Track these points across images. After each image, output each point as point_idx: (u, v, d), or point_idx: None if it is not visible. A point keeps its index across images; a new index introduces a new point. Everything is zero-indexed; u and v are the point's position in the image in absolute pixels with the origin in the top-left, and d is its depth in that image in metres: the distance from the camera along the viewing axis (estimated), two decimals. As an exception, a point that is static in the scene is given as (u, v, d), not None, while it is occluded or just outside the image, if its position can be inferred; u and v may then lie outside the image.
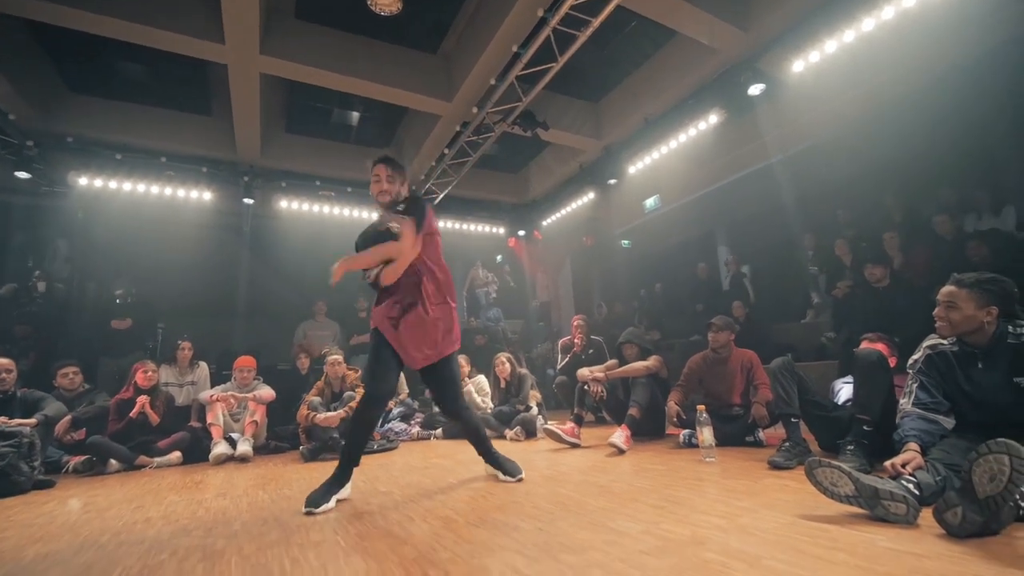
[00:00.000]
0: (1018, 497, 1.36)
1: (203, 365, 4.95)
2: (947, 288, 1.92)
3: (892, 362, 2.87)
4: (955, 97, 5.02)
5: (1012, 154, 5.13)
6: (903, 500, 1.47)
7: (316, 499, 2.07)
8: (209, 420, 4.14)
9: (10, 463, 3.04)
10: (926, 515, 1.44)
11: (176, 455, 3.96)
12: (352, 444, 2.25)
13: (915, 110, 5.29)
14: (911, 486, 1.58)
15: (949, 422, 1.95)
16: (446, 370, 2.38)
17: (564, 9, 3.79)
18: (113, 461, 3.73)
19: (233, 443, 4.06)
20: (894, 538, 1.34)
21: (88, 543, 1.83)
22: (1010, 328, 1.83)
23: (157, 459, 3.87)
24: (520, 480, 2.44)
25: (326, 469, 3.19)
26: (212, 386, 4.67)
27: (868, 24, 3.88)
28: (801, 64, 4.33)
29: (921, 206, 5.57)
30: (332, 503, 2.10)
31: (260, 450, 4.28)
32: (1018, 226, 4.66)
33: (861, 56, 4.20)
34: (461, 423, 2.54)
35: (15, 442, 3.14)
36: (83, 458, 3.74)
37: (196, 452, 4.06)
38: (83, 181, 5.78)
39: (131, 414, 3.93)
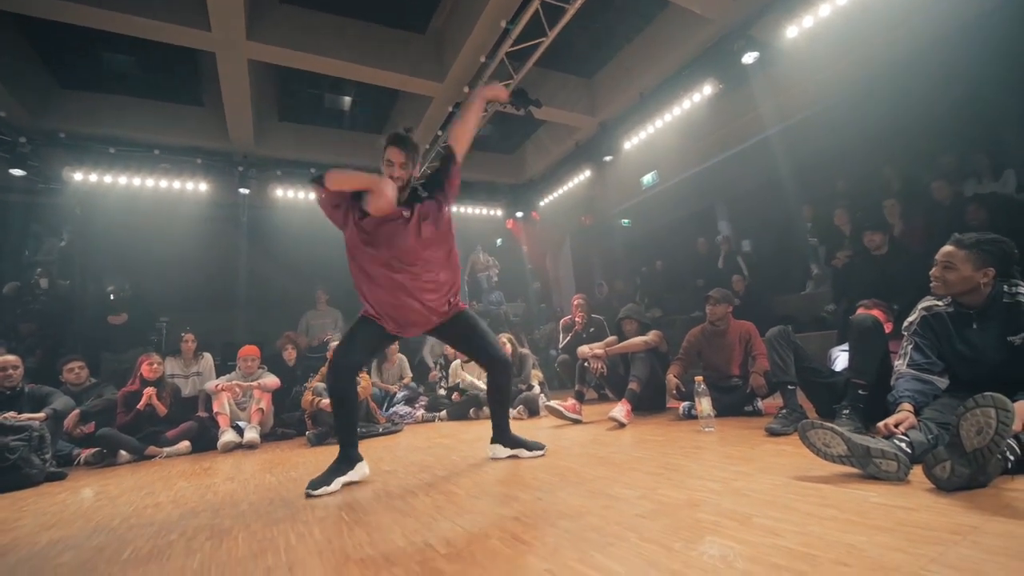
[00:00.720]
0: (1005, 450, 1.38)
1: (207, 356, 5.00)
2: (946, 248, 1.90)
3: (888, 327, 2.89)
4: (954, 59, 4.93)
5: (1013, 117, 5.05)
6: (894, 457, 1.49)
7: (317, 482, 2.07)
8: (216, 409, 4.19)
9: (21, 456, 3.10)
10: (918, 473, 1.46)
11: (185, 444, 4.03)
12: (338, 423, 2.23)
13: (912, 74, 5.20)
14: (903, 444, 1.60)
15: (943, 382, 1.96)
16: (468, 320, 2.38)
17: (552, -19, 3.72)
18: (123, 452, 3.80)
19: (240, 431, 4.13)
20: (884, 494, 1.36)
21: (100, 528, 1.88)
22: (1005, 288, 1.83)
23: (167, 449, 3.95)
24: (540, 453, 2.42)
25: (332, 452, 3.25)
26: (217, 376, 4.73)
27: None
28: (795, 29, 4.25)
29: (920, 172, 5.51)
30: (335, 486, 2.08)
31: (267, 437, 4.35)
32: (1018, 188, 4.63)
33: (856, 18, 4.12)
34: (496, 378, 2.44)
35: (25, 436, 3.19)
36: (94, 450, 3.82)
37: (204, 441, 4.13)
38: (78, 176, 5.77)
39: (138, 406, 3.99)
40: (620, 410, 3.23)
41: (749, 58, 4.64)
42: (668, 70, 5.37)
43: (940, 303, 1.99)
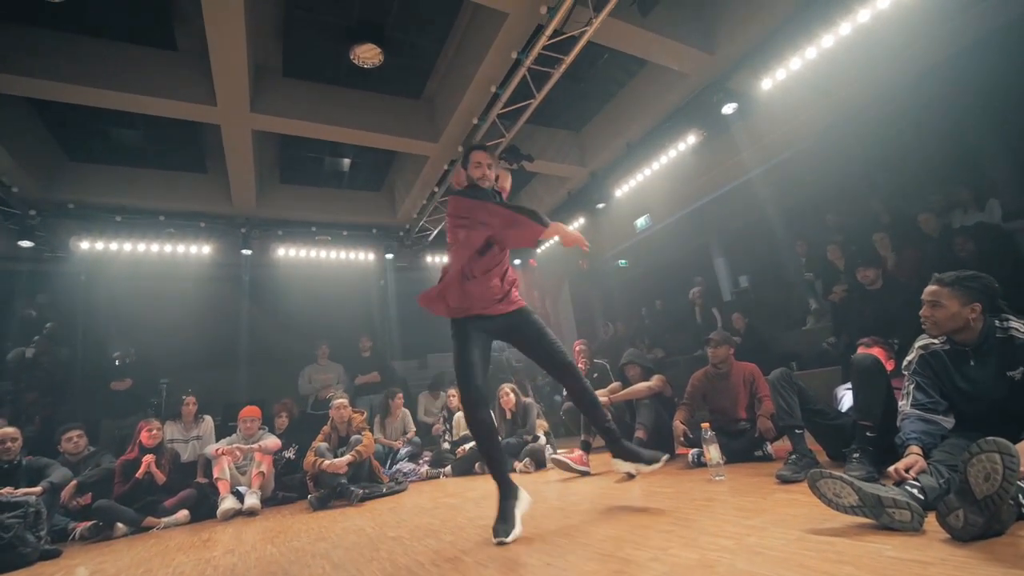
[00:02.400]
0: (1019, 495, 1.36)
1: (208, 419, 4.94)
2: (930, 287, 1.95)
3: (889, 366, 2.89)
4: (929, 98, 5.17)
5: (992, 149, 5.24)
6: (907, 507, 1.47)
7: (502, 530, 1.97)
8: (215, 475, 4.10)
9: (16, 535, 3.01)
10: (932, 520, 1.44)
11: (183, 514, 3.92)
12: (490, 458, 2.17)
13: (887, 114, 5.44)
14: (915, 491, 1.58)
15: (948, 421, 1.95)
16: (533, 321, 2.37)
17: (537, 50, 3.96)
18: (120, 524, 3.68)
19: (241, 497, 4.02)
20: (900, 546, 1.34)
21: (97, 613, 1.82)
22: (997, 323, 1.85)
23: (164, 519, 3.83)
24: (659, 464, 2.37)
25: (335, 517, 3.18)
26: (217, 439, 4.65)
27: (828, 40, 4.04)
28: (769, 82, 4.49)
29: (908, 206, 5.65)
30: (519, 525, 2.01)
31: (268, 501, 4.23)
32: (1004, 218, 4.73)
33: (825, 69, 4.36)
34: (570, 386, 2.41)
35: (21, 512, 3.12)
36: (89, 524, 3.70)
37: (204, 508, 4.02)
38: (84, 245, 5.90)
39: (137, 475, 3.90)
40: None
41: (728, 108, 4.87)
42: (652, 121, 5.62)
43: (936, 341, 2.00)
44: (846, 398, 2.96)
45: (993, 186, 4.99)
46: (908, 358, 2.10)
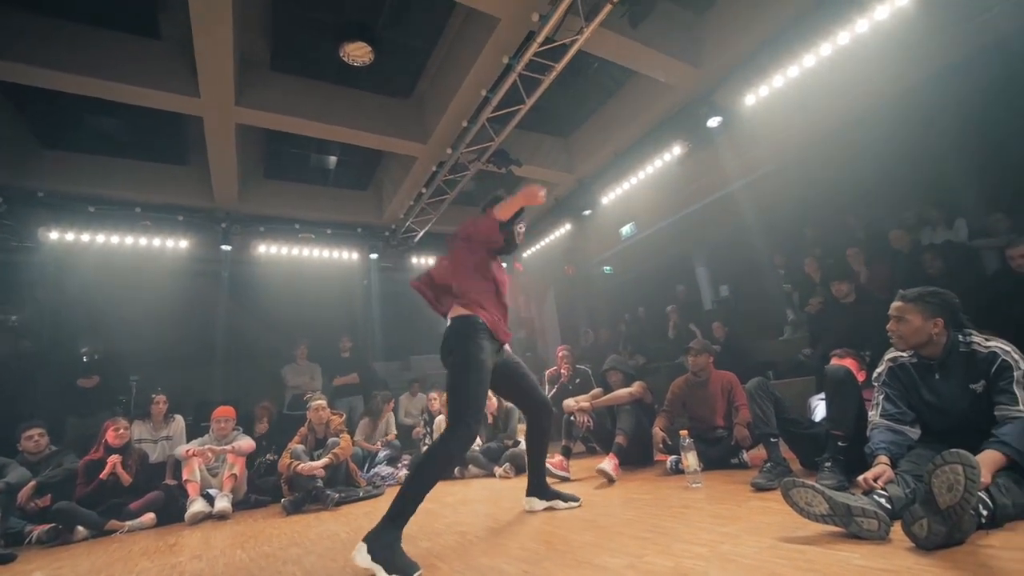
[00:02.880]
0: (979, 506, 1.41)
1: (179, 419, 4.81)
2: (895, 303, 2.03)
3: (861, 377, 2.95)
4: (899, 121, 5.35)
5: (961, 171, 5.45)
6: (874, 516, 1.51)
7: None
8: (185, 476, 3.98)
9: (-31, 537, 2.88)
10: (899, 529, 1.47)
11: (149, 517, 3.79)
12: (423, 485, 1.95)
13: (863, 134, 5.62)
14: (883, 500, 1.62)
15: (915, 432, 2.01)
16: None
17: (527, 56, 3.98)
18: (80, 528, 3.53)
19: (211, 499, 3.92)
20: (867, 555, 1.37)
21: (54, 618, 1.75)
22: (960, 338, 1.93)
23: (129, 523, 3.69)
24: (575, 504, 2.50)
25: (309, 522, 3.12)
26: (188, 440, 4.52)
27: (809, 60, 4.16)
28: (753, 98, 4.60)
29: (881, 222, 5.83)
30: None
31: (240, 505, 4.12)
32: (970, 236, 4.91)
33: (806, 88, 4.48)
34: (540, 423, 2.55)
35: (-25, 513, 2.98)
36: (48, 527, 3.53)
37: (172, 512, 3.89)
38: (54, 236, 5.70)
39: (101, 475, 3.76)
40: (608, 463, 3.21)
41: (713, 122, 4.98)
42: (639, 131, 5.69)
43: (904, 355, 2.07)
44: (820, 408, 3.03)
45: (960, 206, 5.18)
46: (878, 370, 2.17)
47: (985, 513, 1.42)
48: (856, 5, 3.78)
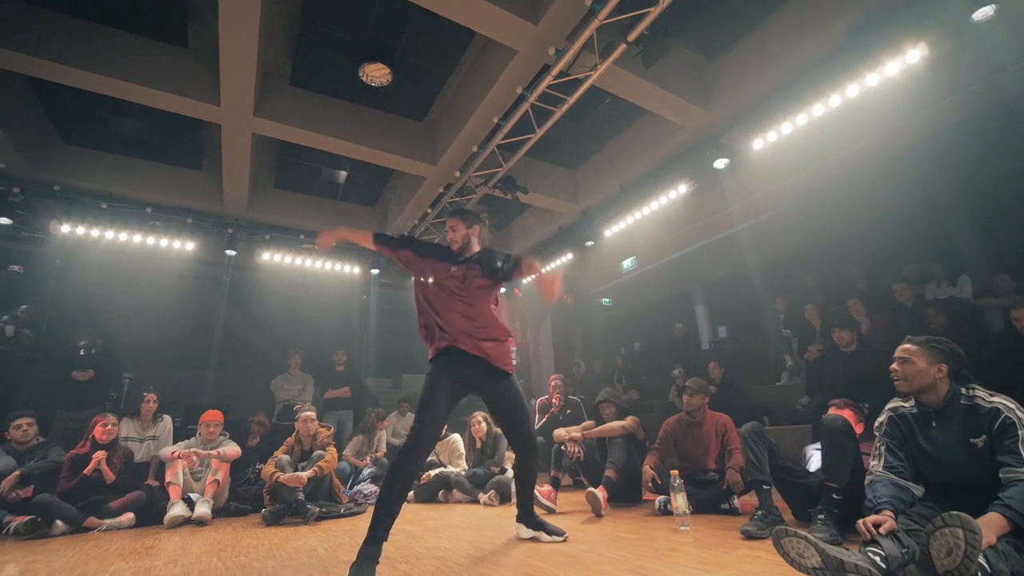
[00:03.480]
0: (977, 572, 1.38)
1: (167, 419, 4.76)
2: (901, 346, 2.04)
3: (859, 429, 2.93)
4: (906, 175, 5.43)
5: (965, 228, 5.50)
6: (868, 573, 1.47)
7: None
8: (168, 479, 3.92)
9: (-57, 526, 2.83)
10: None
11: (128, 517, 3.72)
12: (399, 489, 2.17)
13: (869, 185, 5.69)
14: (877, 559, 1.58)
15: (919, 490, 1.97)
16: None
17: (541, 88, 4.10)
18: (59, 523, 3.47)
19: (192, 504, 3.84)
20: (855, 613, 1.33)
21: (19, 618, 1.70)
22: (963, 391, 1.92)
23: (107, 521, 3.62)
24: (560, 538, 2.48)
25: (288, 535, 3.06)
26: (175, 441, 4.47)
27: (818, 110, 4.25)
28: (761, 142, 4.68)
29: (883, 274, 5.85)
30: None
31: (220, 512, 4.04)
32: (974, 294, 4.92)
33: (814, 136, 4.57)
34: (523, 459, 2.58)
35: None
36: (26, 519, 3.47)
37: (151, 513, 3.82)
38: (64, 229, 5.76)
39: (85, 471, 3.71)
40: (600, 492, 3.17)
41: (720, 163, 5.06)
42: (646, 167, 5.79)
43: (905, 404, 2.06)
44: (815, 457, 2.99)
45: (964, 263, 5.21)
46: (879, 420, 2.15)
47: (979, 576, 1.38)
48: (867, 60, 3.88)
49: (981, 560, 1.40)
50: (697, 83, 4.86)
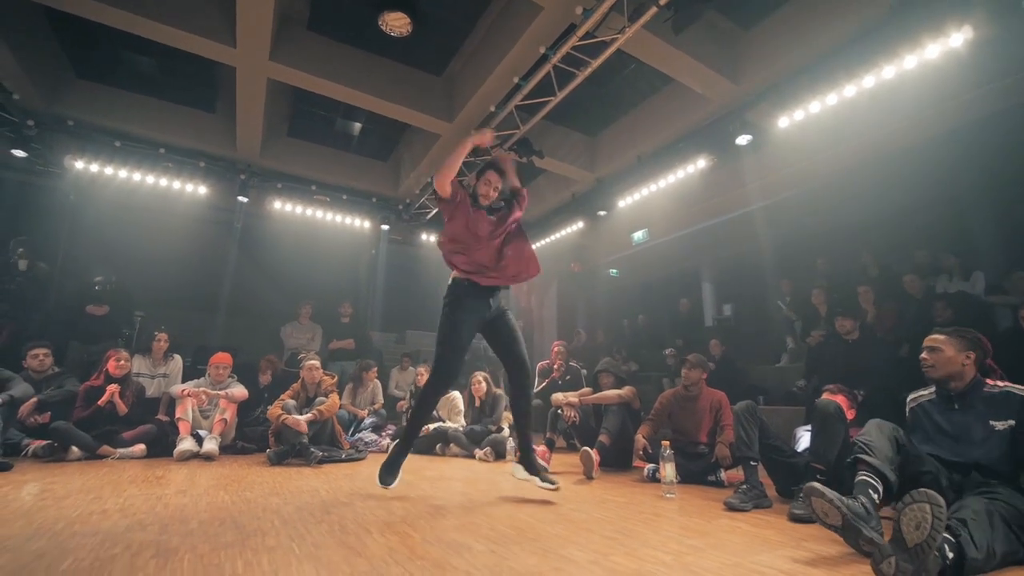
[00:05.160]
0: (944, 545, 1.45)
1: (177, 358, 4.92)
2: (931, 336, 2.17)
3: (850, 415, 2.98)
4: (933, 162, 5.28)
5: (984, 223, 5.39)
6: (877, 546, 1.54)
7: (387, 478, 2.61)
8: (178, 415, 4.10)
9: (-32, 443, 2.99)
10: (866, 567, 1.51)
11: (140, 447, 3.92)
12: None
13: (891, 174, 5.55)
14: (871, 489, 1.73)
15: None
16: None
17: (566, 49, 3.96)
18: (75, 448, 3.67)
19: (200, 440, 4.03)
20: (825, 584, 1.41)
21: (42, 531, 1.83)
22: (987, 381, 2.06)
23: (120, 450, 3.83)
24: (551, 487, 2.56)
25: (291, 475, 3.21)
26: (185, 380, 4.64)
27: (850, 90, 4.09)
28: (786, 120, 4.54)
29: (895, 264, 5.79)
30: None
31: (227, 449, 4.24)
32: (986, 291, 4.87)
33: (843, 118, 4.43)
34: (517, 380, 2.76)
35: (-24, 421, 3.09)
36: (44, 443, 3.67)
37: (161, 446, 4.02)
38: (79, 165, 5.78)
39: (99, 402, 3.89)
40: (593, 454, 3.29)
41: (743, 140, 4.93)
42: (666, 139, 5.65)
43: (925, 392, 2.21)
44: (804, 438, 3.05)
45: (979, 259, 5.13)
46: (907, 416, 2.24)
47: (951, 555, 1.45)
48: (907, 40, 3.70)
49: (947, 535, 1.47)
50: (727, 54, 4.68)
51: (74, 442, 3.68)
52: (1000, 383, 2.04)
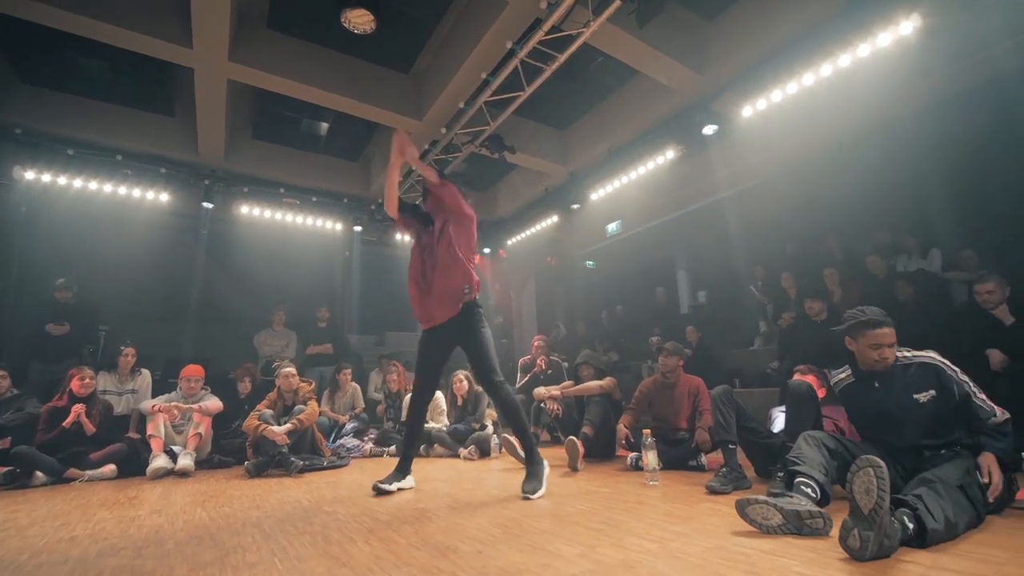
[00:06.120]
0: (904, 519, 1.51)
1: (146, 373, 4.75)
2: (890, 330, 2.07)
3: (821, 393, 3.07)
4: (890, 148, 5.47)
5: (940, 202, 5.61)
6: (820, 516, 1.67)
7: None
8: (149, 431, 3.96)
9: (-79, 475, 2.83)
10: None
11: (110, 468, 3.77)
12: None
13: (852, 158, 5.73)
14: (809, 490, 1.81)
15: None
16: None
17: (532, 43, 3.96)
18: (39, 473, 3.51)
19: (174, 456, 3.90)
20: (807, 563, 1.44)
21: (5, 564, 1.74)
22: (898, 354, 2.10)
23: (89, 472, 3.67)
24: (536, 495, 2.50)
25: (271, 487, 3.14)
26: (154, 395, 4.48)
27: (809, 79, 4.21)
28: (750, 109, 4.65)
29: (858, 245, 5.98)
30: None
31: (203, 464, 4.12)
32: (943, 267, 5.08)
33: (803, 107, 4.56)
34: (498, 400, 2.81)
35: (-71, 452, 2.93)
36: (4, 470, 3.50)
37: (133, 465, 3.88)
38: (29, 175, 5.50)
39: (64, 423, 3.72)
40: (579, 444, 3.33)
41: (709, 129, 5.03)
42: (636, 131, 5.72)
43: (842, 375, 2.27)
44: (779, 419, 3.14)
45: (937, 237, 5.35)
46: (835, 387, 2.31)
47: (912, 526, 1.51)
48: (860, 29, 3.83)
49: (907, 509, 1.56)
50: (691, 45, 4.75)
51: (38, 467, 3.51)
52: (908, 352, 2.07)
